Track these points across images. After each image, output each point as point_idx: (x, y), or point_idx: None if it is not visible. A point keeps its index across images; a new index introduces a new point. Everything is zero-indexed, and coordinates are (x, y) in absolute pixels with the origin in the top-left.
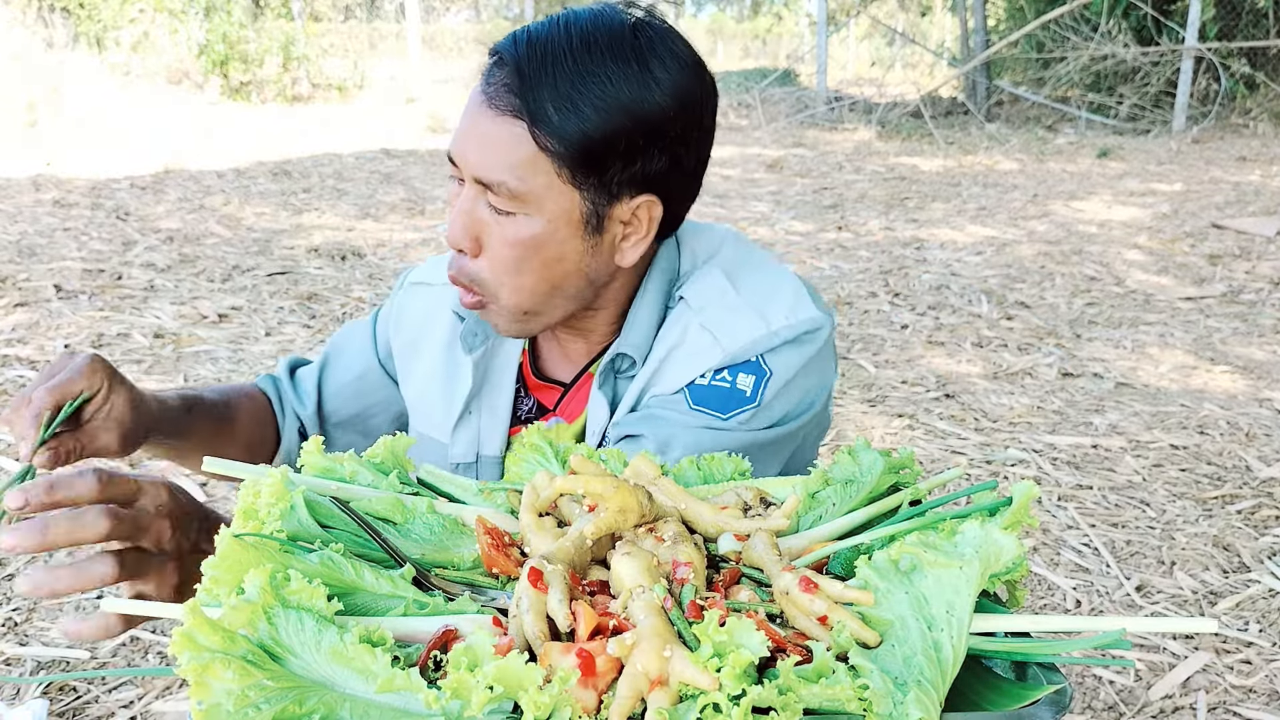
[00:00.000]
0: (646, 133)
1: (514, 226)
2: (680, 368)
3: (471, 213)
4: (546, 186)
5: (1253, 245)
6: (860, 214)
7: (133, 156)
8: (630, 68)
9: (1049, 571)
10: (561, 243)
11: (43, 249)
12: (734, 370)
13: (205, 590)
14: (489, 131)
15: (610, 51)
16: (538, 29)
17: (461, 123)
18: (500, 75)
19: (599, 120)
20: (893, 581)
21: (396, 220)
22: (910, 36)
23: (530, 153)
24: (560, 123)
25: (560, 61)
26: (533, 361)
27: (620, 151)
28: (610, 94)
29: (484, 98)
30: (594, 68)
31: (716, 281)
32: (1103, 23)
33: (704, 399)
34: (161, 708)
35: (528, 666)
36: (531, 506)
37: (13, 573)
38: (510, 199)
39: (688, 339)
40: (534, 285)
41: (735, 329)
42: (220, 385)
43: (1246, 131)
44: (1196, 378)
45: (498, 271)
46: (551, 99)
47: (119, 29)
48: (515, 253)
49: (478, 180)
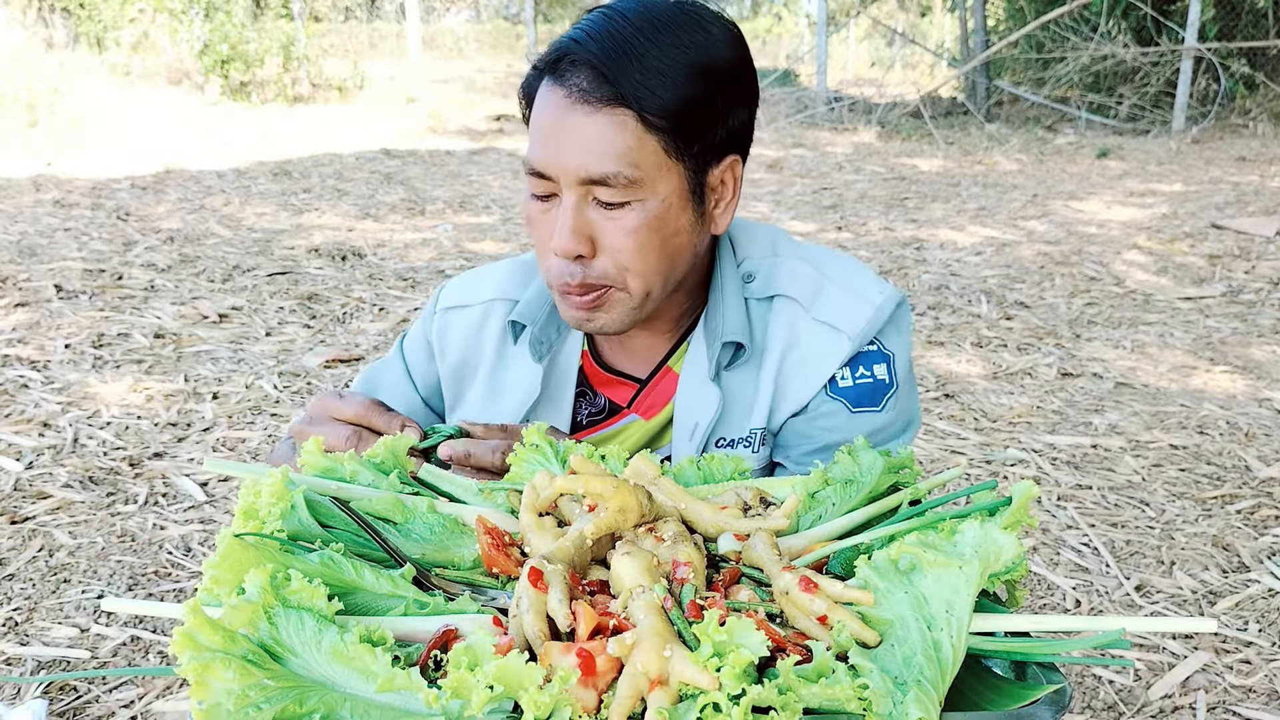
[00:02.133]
0: (726, 88)
1: (630, 216)
2: (810, 370)
3: (580, 216)
4: (657, 166)
5: (1252, 245)
6: (860, 214)
7: (133, 156)
8: (694, 32)
9: (1049, 571)
10: (677, 218)
11: (43, 249)
12: (866, 363)
13: (206, 590)
14: (588, 129)
15: (670, 23)
16: (592, 26)
17: (542, 134)
18: (582, 73)
19: (691, 85)
20: (892, 581)
21: (396, 220)
22: (910, 37)
23: (637, 136)
24: (661, 96)
25: (635, 42)
26: (595, 357)
27: (714, 112)
28: (691, 58)
29: (571, 100)
30: (666, 39)
31: (806, 272)
32: (1102, 23)
33: (859, 399)
34: (162, 708)
35: (528, 666)
36: (531, 506)
37: (13, 573)
38: (625, 188)
39: (803, 338)
40: (657, 266)
41: (850, 315)
42: None
43: (1246, 132)
44: (1196, 378)
45: (621, 263)
46: (644, 77)
47: (119, 29)
48: (637, 240)
49: (584, 181)
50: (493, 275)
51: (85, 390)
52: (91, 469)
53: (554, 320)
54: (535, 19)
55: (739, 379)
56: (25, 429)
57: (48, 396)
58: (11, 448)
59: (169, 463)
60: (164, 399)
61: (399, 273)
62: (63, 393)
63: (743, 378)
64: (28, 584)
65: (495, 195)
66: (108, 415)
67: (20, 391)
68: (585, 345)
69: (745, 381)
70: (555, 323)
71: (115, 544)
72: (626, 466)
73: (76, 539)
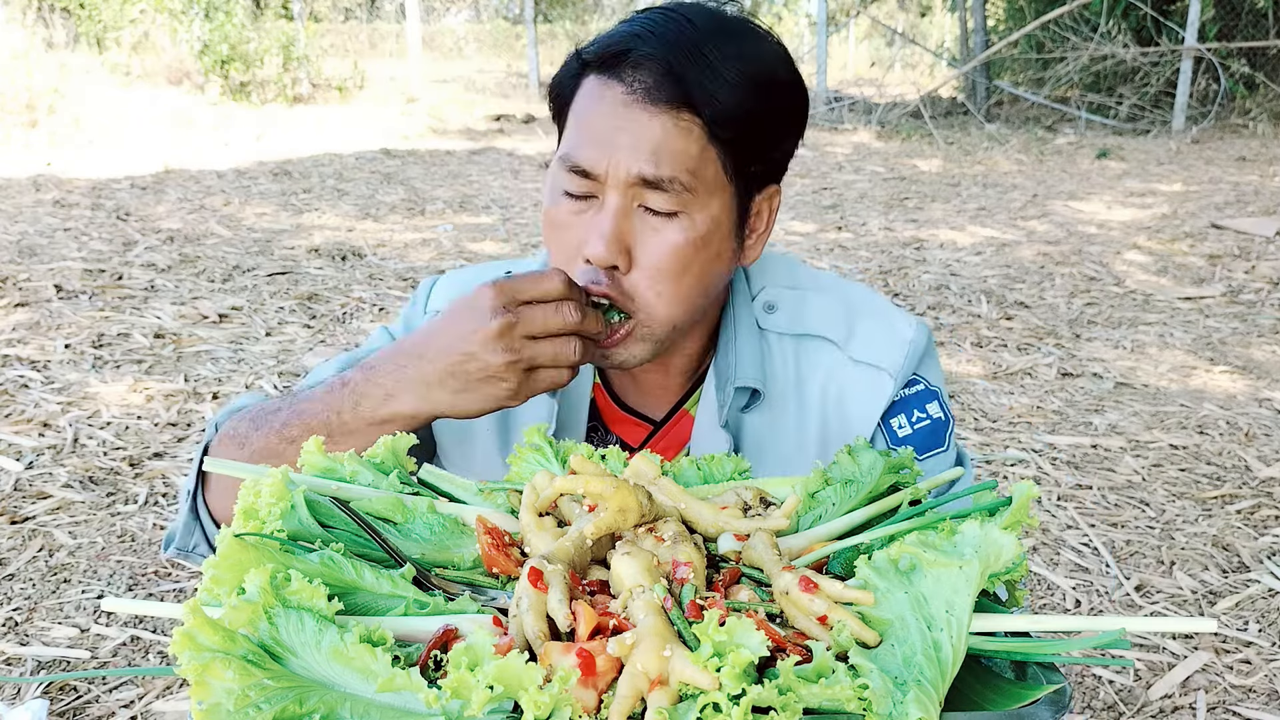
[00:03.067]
0: (787, 109)
1: (677, 229)
2: (857, 413)
3: (623, 221)
4: (714, 181)
5: (1252, 245)
6: (860, 214)
7: (133, 156)
8: (757, 44)
9: (1049, 571)
10: (721, 242)
11: (43, 249)
12: (919, 405)
13: (206, 590)
14: (650, 129)
15: (737, 31)
16: (654, 24)
17: (593, 130)
18: (647, 70)
19: (758, 100)
20: (892, 581)
21: (396, 220)
22: (910, 37)
23: (700, 145)
24: (728, 106)
25: (704, 46)
26: (610, 393)
27: (775, 133)
28: (756, 70)
29: (632, 97)
30: (733, 48)
31: (835, 307)
32: (1102, 23)
33: (924, 444)
34: (161, 708)
35: (528, 666)
36: (531, 506)
37: (13, 573)
38: (679, 197)
39: (845, 381)
40: (690, 293)
41: (889, 353)
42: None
43: (1246, 132)
44: (1196, 378)
45: (658, 284)
46: (714, 84)
47: (119, 29)
48: (679, 258)
49: (636, 183)
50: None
51: (85, 390)
52: (91, 469)
53: None
54: (535, 19)
55: (763, 423)
56: (25, 429)
57: (48, 396)
58: (11, 448)
59: (169, 463)
60: (164, 399)
61: (399, 273)
62: (63, 393)
63: (770, 422)
64: (28, 584)
65: (495, 195)
66: (108, 415)
67: (20, 391)
68: (598, 378)
69: (774, 426)
70: None
71: (115, 544)
72: (626, 466)
73: (76, 539)
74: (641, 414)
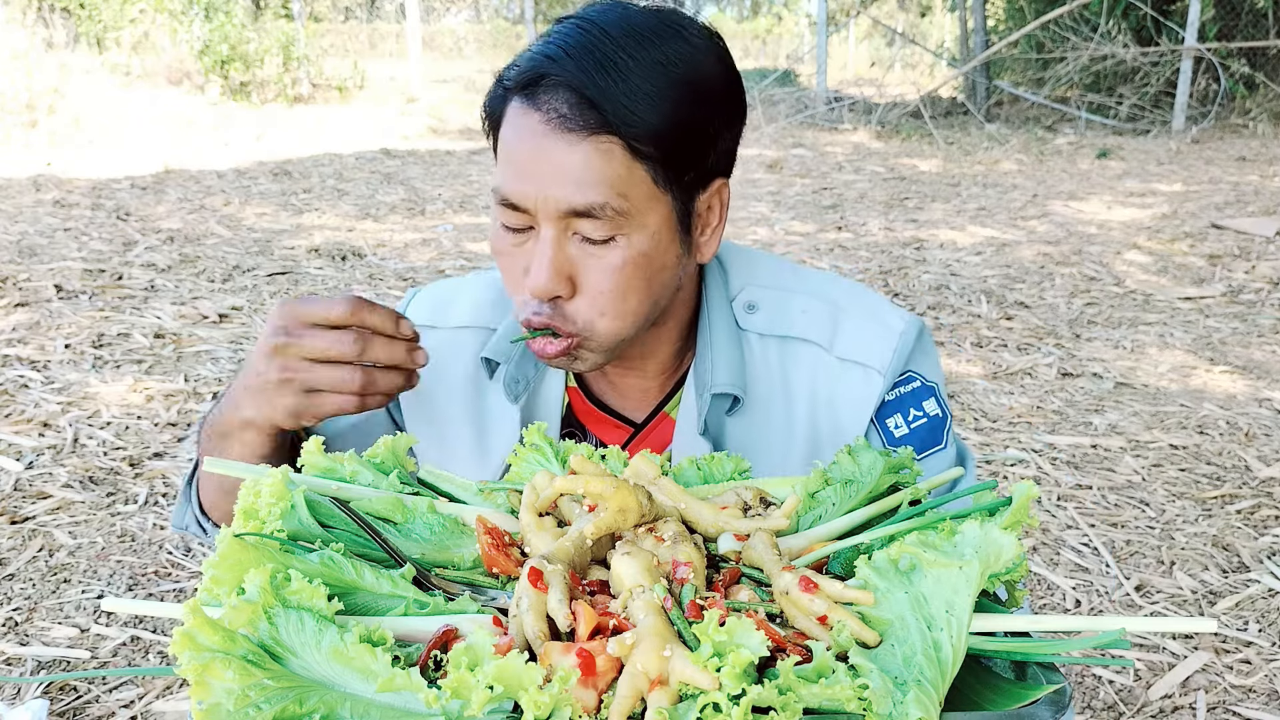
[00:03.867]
0: (717, 109)
1: (616, 252)
2: (846, 414)
3: (560, 253)
4: (646, 197)
5: (1252, 245)
6: (860, 214)
7: (133, 156)
8: (678, 45)
9: (1049, 571)
10: (664, 253)
11: (43, 249)
12: (914, 403)
13: (205, 590)
14: (570, 159)
15: (653, 35)
16: (566, 41)
17: (517, 163)
18: (561, 97)
19: (681, 107)
20: (892, 581)
21: (396, 220)
22: (910, 37)
23: (625, 165)
24: (648, 121)
25: (618, 60)
26: (588, 394)
27: (706, 136)
28: (679, 76)
29: (549, 126)
30: (651, 55)
31: (817, 307)
32: (1102, 23)
33: (922, 443)
34: (161, 708)
35: (528, 666)
36: (531, 506)
37: (13, 573)
38: (611, 221)
39: (832, 381)
40: (637, 308)
41: (875, 348)
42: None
43: (1246, 131)
44: (1196, 378)
45: (601, 304)
46: (631, 100)
47: (119, 29)
48: (621, 278)
49: (567, 214)
50: (466, 296)
51: (85, 390)
52: (91, 469)
53: (530, 356)
54: (535, 19)
55: (746, 428)
56: (25, 429)
57: (48, 396)
58: (11, 448)
59: (169, 463)
60: (164, 399)
61: (399, 273)
62: (63, 393)
63: (755, 427)
64: (28, 584)
65: None
66: (108, 415)
67: (20, 391)
68: (573, 381)
69: (761, 431)
70: (532, 359)
71: (115, 544)
72: (626, 467)
73: (76, 539)
74: (621, 415)
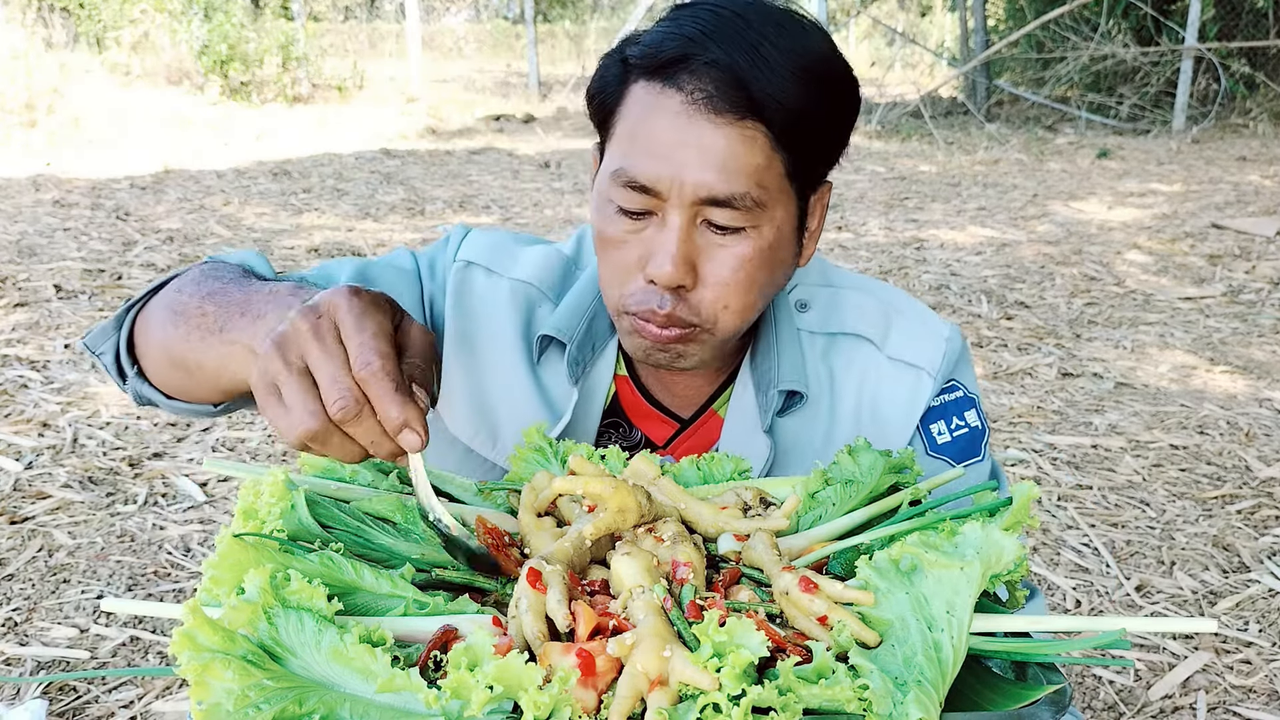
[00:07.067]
0: (845, 102)
1: (745, 243)
2: (896, 412)
3: (690, 241)
4: (779, 190)
5: (1253, 245)
6: (860, 214)
7: (133, 156)
8: (809, 36)
9: (1049, 571)
10: (785, 249)
11: (43, 249)
12: (958, 412)
13: (205, 590)
14: (714, 142)
15: (787, 23)
16: (705, 24)
17: (653, 144)
18: (707, 77)
19: (817, 98)
20: (893, 582)
21: (396, 220)
22: (910, 36)
23: (766, 154)
24: (793, 109)
25: (761, 46)
26: (639, 387)
27: (835, 130)
28: (814, 66)
29: (695, 107)
30: (787, 43)
31: (871, 305)
32: (1102, 23)
33: (962, 453)
34: (161, 708)
35: (528, 666)
36: (531, 506)
37: (13, 573)
38: (749, 213)
39: (882, 380)
40: (757, 302)
41: (927, 352)
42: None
43: (1246, 131)
44: (1196, 378)
45: (724, 297)
46: (776, 87)
47: (119, 29)
48: (746, 272)
49: (704, 200)
50: (528, 255)
51: (85, 390)
52: (91, 469)
53: (590, 338)
54: (535, 19)
55: (798, 425)
56: (25, 429)
57: (47, 396)
58: (11, 448)
59: (169, 463)
60: None
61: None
62: (62, 393)
63: (805, 424)
64: (27, 584)
65: (495, 195)
66: (107, 415)
67: (20, 391)
68: (624, 370)
69: (809, 428)
70: (591, 341)
71: (115, 544)
72: (626, 467)
73: (76, 539)
74: (669, 410)
